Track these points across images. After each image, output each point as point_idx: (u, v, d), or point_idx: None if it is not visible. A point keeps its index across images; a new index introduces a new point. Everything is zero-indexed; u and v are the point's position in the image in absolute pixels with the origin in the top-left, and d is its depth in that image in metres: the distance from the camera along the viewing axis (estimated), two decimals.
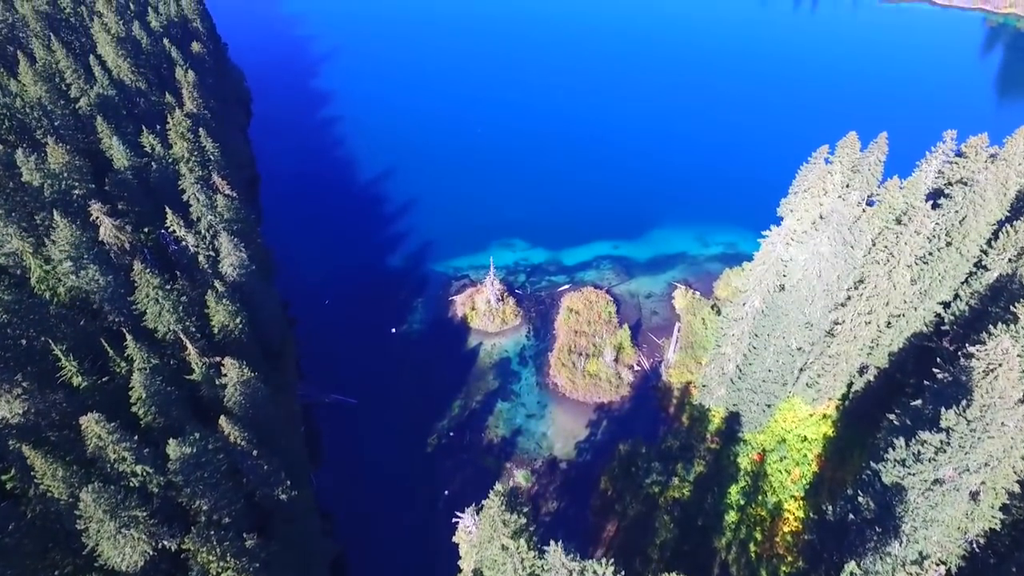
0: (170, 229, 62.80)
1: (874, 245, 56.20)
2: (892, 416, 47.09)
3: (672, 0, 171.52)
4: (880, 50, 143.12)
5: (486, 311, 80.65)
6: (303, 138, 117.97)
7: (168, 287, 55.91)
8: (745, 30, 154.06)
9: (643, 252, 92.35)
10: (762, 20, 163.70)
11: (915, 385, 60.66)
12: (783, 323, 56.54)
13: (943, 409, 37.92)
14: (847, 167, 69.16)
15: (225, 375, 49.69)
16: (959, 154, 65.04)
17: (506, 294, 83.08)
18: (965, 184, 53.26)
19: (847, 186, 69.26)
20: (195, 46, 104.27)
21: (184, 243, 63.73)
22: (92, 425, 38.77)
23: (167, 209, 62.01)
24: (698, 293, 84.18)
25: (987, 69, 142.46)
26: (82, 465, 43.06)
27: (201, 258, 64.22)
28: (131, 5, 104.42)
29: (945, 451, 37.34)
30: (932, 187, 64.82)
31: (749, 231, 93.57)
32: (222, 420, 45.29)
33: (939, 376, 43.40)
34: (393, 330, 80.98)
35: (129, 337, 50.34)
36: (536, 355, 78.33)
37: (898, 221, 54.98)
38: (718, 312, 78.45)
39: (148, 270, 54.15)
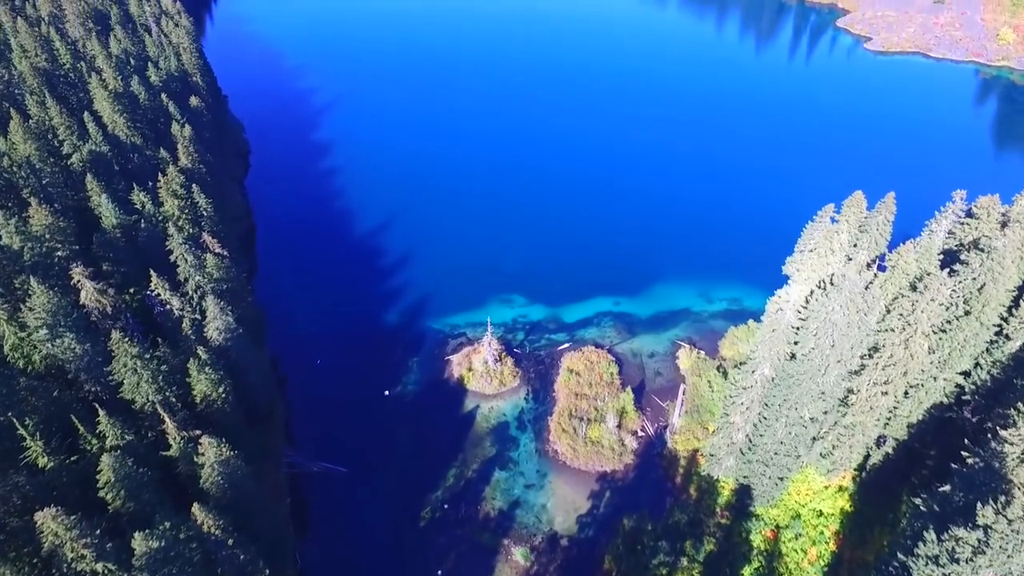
0: (155, 292, 60.43)
1: (888, 312, 53.76)
2: (918, 501, 43.68)
3: (667, 52, 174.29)
4: (878, 102, 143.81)
5: (483, 372, 77.65)
6: (300, 189, 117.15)
7: (148, 356, 53.15)
8: (742, 81, 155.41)
9: (645, 308, 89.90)
10: (758, 71, 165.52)
11: (936, 457, 57.51)
12: (795, 393, 53.61)
13: (979, 504, 34.73)
14: (854, 226, 67.44)
15: (202, 455, 46.45)
16: (969, 214, 63.38)
17: (504, 354, 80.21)
18: (981, 250, 51.14)
19: (855, 246, 67.42)
20: (193, 100, 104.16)
21: (169, 306, 61.25)
22: (48, 521, 35.48)
23: (151, 272, 59.77)
24: (703, 352, 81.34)
25: (983, 121, 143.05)
26: (41, 559, 39.53)
27: (186, 322, 61.62)
28: (131, 60, 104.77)
29: (984, 552, 34.00)
30: (943, 248, 62.90)
31: (753, 287, 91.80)
32: (195, 508, 41.88)
33: (969, 461, 40.28)
34: (387, 392, 77.78)
35: (102, 412, 47.32)
36: (535, 419, 74.96)
37: (913, 287, 52.69)
38: (724, 374, 75.57)
39: (127, 339, 51.49)
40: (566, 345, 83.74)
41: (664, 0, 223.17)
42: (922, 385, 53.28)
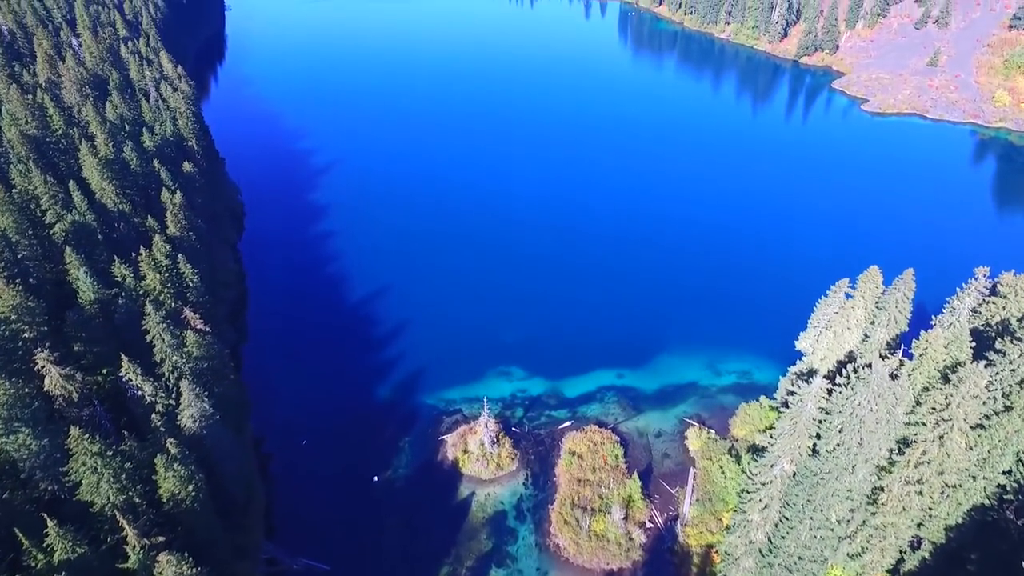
0: (125, 378, 56.29)
1: (918, 403, 49.52)
2: None
3: (667, 111, 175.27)
4: (881, 164, 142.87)
5: (480, 455, 72.61)
6: (294, 252, 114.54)
7: (110, 453, 48.51)
8: (743, 142, 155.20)
9: (650, 382, 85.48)
10: (754, 131, 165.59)
11: (979, 563, 52.12)
12: (820, 493, 48.79)
13: None
14: (870, 303, 64.04)
15: (160, 573, 41.35)
16: (994, 292, 60.05)
17: (502, 434, 75.33)
18: (1019, 339, 47.32)
19: (872, 323, 63.87)
20: (186, 165, 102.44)
21: (141, 392, 56.99)
22: None
23: (123, 357, 55.79)
24: (713, 431, 76.49)
25: (989, 183, 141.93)
26: None
27: (158, 408, 57.23)
28: (126, 126, 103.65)
29: None
30: (969, 326, 59.20)
31: (762, 358, 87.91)
32: None
33: None
34: (375, 478, 72.49)
35: (51, 522, 42.41)
36: (535, 508, 69.48)
37: (945, 378, 48.61)
38: (737, 458, 70.54)
39: (87, 435, 46.97)
40: (567, 423, 78.92)
41: (661, 62, 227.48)
42: (960, 485, 48.50)
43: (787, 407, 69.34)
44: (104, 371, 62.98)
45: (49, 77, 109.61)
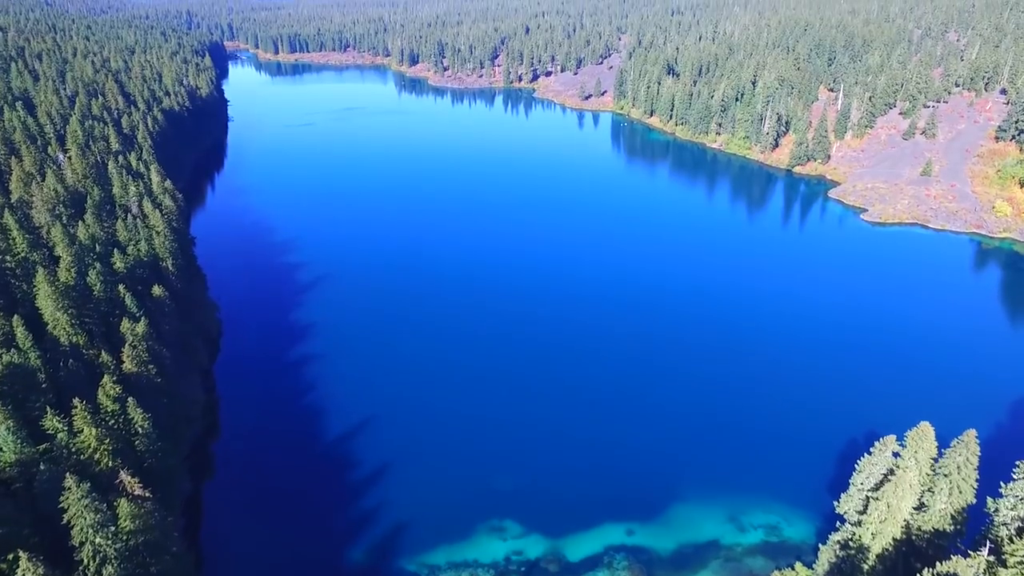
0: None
1: None
2: None
3: (660, 220, 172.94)
4: (889, 279, 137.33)
5: None
6: (270, 378, 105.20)
7: None
8: (745, 255, 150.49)
9: (665, 540, 73.87)
10: (759, 242, 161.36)
11: None
12: None
13: None
14: (924, 465, 54.76)
15: None
16: None
17: None
18: None
19: (929, 491, 54.33)
20: (156, 289, 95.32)
21: None
22: None
23: (22, 554, 45.43)
24: None
25: (1002, 297, 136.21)
26: None
27: None
28: (97, 247, 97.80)
29: None
30: None
31: (792, 510, 77.43)
32: None
33: None
34: None
35: None
36: None
37: None
38: None
39: None
40: None
41: (654, 170, 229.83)
42: None
43: None
44: (11, 556, 52.19)
45: (21, 196, 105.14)
